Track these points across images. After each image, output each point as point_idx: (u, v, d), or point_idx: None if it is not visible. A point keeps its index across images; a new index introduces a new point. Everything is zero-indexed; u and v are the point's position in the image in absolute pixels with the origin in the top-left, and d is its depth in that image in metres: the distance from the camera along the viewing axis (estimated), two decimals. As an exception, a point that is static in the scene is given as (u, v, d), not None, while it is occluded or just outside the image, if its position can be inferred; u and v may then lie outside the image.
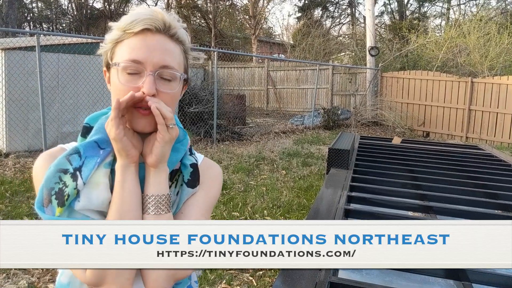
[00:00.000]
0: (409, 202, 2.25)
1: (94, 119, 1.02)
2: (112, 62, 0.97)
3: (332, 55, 20.18)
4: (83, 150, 0.94)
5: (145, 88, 0.92)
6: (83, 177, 0.91)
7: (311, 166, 7.63)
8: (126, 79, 0.93)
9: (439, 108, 12.61)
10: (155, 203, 0.95)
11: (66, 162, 0.92)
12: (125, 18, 0.95)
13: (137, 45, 0.93)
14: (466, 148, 4.33)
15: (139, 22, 0.93)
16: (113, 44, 0.97)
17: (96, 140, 0.96)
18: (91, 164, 0.93)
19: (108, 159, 0.96)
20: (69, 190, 0.89)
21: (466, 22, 14.50)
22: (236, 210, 5.03)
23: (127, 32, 0.94)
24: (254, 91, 17.22)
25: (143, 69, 0.93)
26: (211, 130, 9.49)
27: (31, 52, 6.99)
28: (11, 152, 7.02)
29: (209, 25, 24.43)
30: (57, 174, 0.90)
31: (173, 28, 0.98)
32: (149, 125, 0.95)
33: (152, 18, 0.94)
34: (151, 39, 0.94)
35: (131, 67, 0.93)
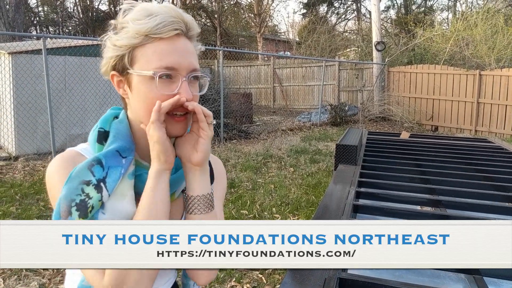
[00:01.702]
0: (418, 196, 2.23)
1: (107, 123, 1.00)
2: (133, 68, 0.92)
3: (338, 51, 20.10)
4: (105, 160, 0.91)
5: (184, 94, 0.90)
6: (109, 188, 0.89)
7: (319, 163, 7.61)
8: (160, 87, 0.90)
9: (447, 102, 12.52)
10: (202, 203, 0.95)
11: (88, 173, 0.88)
12: (146, 20, 0.89)
13: (168, 50, 0.90)
14: (475, 141, 4.29)
15: (166, 26, 0.89)
16: (131, 48, 0.92)
17: (117, 149, 0.93)
18: (115, 174, 0.90)
19: (131, 169, 0.94)
20: (93, 201, 0.86)
21: (473, 14, 14.36)
22: (245, 208, 5.03)
23: (151, 37, 0.90)
24: (260, 89, 17.21)
25: (177, 75, 0.91)
26: (218, 129, 9.50)
27: (37, 56, 7.03)
28: (20, 155, 7.07)
29: (215, 24, 24.46)
30: (79, 186, 0.86)
31: (192, 29, 0.96)
32: (183, 129, 0.95)
33: (178, 20, 0.91)
34: (178, 43, 0.92)
35: (166, 73, 0.90)
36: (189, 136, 0.95)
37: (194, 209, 0.94)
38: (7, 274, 3.31)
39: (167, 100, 0.90)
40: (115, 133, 0.96)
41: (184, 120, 0.94)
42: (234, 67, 17.64)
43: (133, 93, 0.94)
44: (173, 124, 0.93)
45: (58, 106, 7.42)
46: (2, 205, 4.83)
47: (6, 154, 7.25)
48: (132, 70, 0.92)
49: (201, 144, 0.93)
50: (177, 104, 0.90)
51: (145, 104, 0.92)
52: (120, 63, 0.94)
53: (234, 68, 17.64)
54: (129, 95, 0.96)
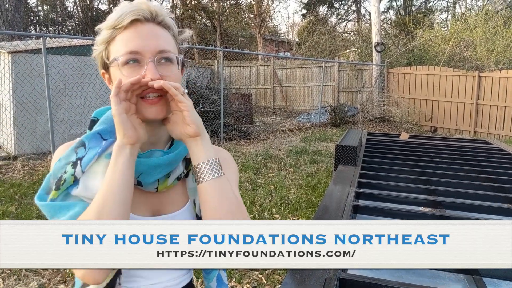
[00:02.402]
0: (417, 197, 2.23)
1: (101, 113, 1.06)
2: (109, 61, 0.98)
3: (338, 52, 20.11)
4: (87, 141, 0.98)
5: (149, 74, 0.92)
6: (82, 165, 0.94)
7: (319, 164, 7.62)
8: (128, 72, 0.94)
9: (446, 103, 12.53)
10: (210, 167, 0.95)
11: (73, 154, 0.96)
12: (111, 16, 0.97)
13: (130, 36, 0.95)
14: (474, 143, 4.30)
15: (126, 15, 0.94)
16: (106, 44, 0.98)
17: (99, 131, 1.00)
18: (91, 154, 0.96)
19: (110, 150, 0.96)
20: (66, 176, 0.93)
21: (472, 16, 14.38)
22: (244, 209, 5.02)
23: (117, 28, 0.96)
24: (260, 89, 17.22)
25: (142, 58, 0.94)
26: (218, 130, 9.50)
27: (37, 55, 7.03)
28: (19, 155, 7.07)
29: (215, 24, 24.48)
30: (65, 166, 0.94)
31: (160, 15, 0.99)
32: (161, 112, 0.96)
33: (138, 8, 0.95)
34: (141, 28, 0.96)
35: (130, 58, 0.94)
36: (175, 116, 0.96)
37: (204, 176, 0.95)
38: (6, 274, 3.31)
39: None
40: (103, 119, 1.02)
41: (159, 102, 0.95)
42: (234, 68, 17.64)
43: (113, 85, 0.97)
44: (147, 108, 0.95)
45: (58, 106, 7.41)
46: (2, 205, 4.83)
47: (5, 153, 7.24)
48: (108, 63, 0.98)
49: (188, 117, 0.94)
50: (140, 83, 0.91)
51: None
52: (102, 60, 1.01)
53: (234, 68, 17.64)
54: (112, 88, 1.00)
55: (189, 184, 1.08)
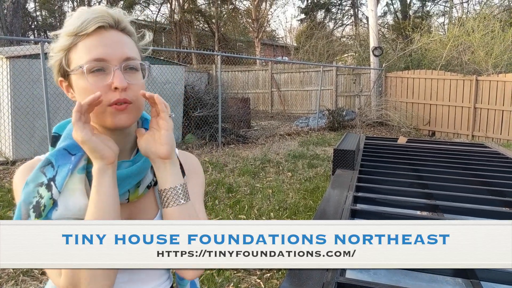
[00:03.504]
0: (415, 201, 2.24)
1: (62, 127, 1.02)
2: (70, 69, 0.94)
3: (336, 56, 20.16)
4: (54, 159, 0.93)
5: (116, 82, 0.91)
6: (58, 186, 0.91)
7: (317, 168, 7.62)
8: (93, 80, 0.91)
9: (444, 107, 12.56)
10: (176, 194, 0.95)
11: (41, 175, 0.91)
12: (71, 22, 0.93)
13: (95, 43, 0.92)
14: (472, 147, 4.31)
15: (90, 22, 0.91)
16: (65, 51, 0.95)
17: (65, 147, 0.95)
18: (64, 172, 0.92)
19: (81, 164, 0.94)
20: (44, 200, 0.89)
21: (469, 20, 14.44)
22: (243, 213, 5.03)
23: (79, 35, 0.92)
24: (258, 94, 17.24)
25: (108, 66, 0.92)
26: (216, 134, 9.50)
27: (35, 60, 7.03)
28: (17, 160, 7.06)
29: (212, 29, 24.52)
30: (35, 189, 0.90)
31: (122, 22, 0.97)
32: (129, 119, 0.95)
33: (102, 15, 0.93)
34: (106, 35, 0.93)
35: (96, 66, 0.91)
36: (150, 133, 0.96)
37: (169, 202, 0.95)
38: (4, 279, 3.30)
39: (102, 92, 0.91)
40: (65, 134, 0.98)
41: (126, 109, 0.93)
42: (232, 72, 17.67)
43: (76, 94, 0.96)
44: (116, 115, 0.93)
45: (56, 111, 7.41)
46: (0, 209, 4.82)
47: (4, 158, 7.23)
48: (69, 70, 0.95)
49: (165, 137, 0.94)
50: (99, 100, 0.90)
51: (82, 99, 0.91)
52: (61, 68, 0.97)
53: (232, 73, 17.67)
54: (75, 96, 0.97)
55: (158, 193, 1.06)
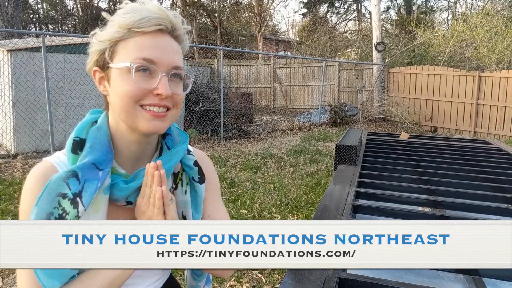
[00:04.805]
0: (417, 197, 2.23)
1: (84, 130, 0.96)
2: (112, 62, 0.91)
3: (339, 51, 20.10)
4: (81, 173, 0.88)
5: (161, 89, 0.88)
6: (85, 204, 0.87)
7: (319, 163, 7.61)
8: (138, 79, 0.88)
9: (446, 103, 12.52)
10: None
11: (64, 185, 0.86)
12: (130, 15, 0.89)
13: (148, 44, 0.88)
14: (474, 143, 4.29)
15: (150, 21, 0.88)
16: (112, 42, 0.91)
17: (93, 162, 0.90)
18: (91, 189, 0.88)
19: (107, 182, 0.92)
20: (70, 217, 0.85)
21: (473, 16, 14.37)
22: (244, 208, 5.03)
23: (134, 31, 0.88)
24: (260, 88, 17.21)
25: (156, 69, 0.89)
26: (218, 129, 9.50)
27: (37, 53, 7.02)
28: (19, 153, 7.07)
29: (215, 23, 24.45)
30: (56, 199, 0.84)
31: (178, 29, 0.94)
32: (163, 127, 0.93)
33: (162, 17, 0.90)
34: (161, 39, 0.90)
35: (143, 65, 0.88)
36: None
37: None
38: (5, 272, 3.31)
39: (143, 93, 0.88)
40: (92, 143, 0.92)
41: (165, 116, 0.92)
42: (234, 67, 17.63)
43: (111, 89, 0.92)
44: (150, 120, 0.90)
45: (57, 104, 7.41)
46: (1, 203, 4.82)
47: (5, 152, 7.24)
48: (112, 64, 0.91)
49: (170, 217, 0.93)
50: (163, 195, 0.89)
51: (121, 97, 0.89)
52: (101, 58, 0.93)
53: (234, 67, 17.64)
54: (108, 91, 0.94)
55: (179, 197, 1.05)
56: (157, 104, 0.90)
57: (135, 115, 0.90)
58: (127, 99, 0.89)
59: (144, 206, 0.91)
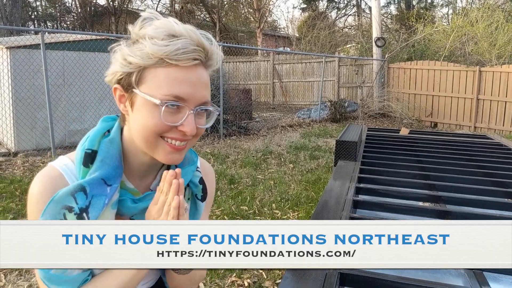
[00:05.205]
0: (418, 192, 2.23)
1: (95, 141, 0.93)
2: (139, 88, 0.86)
3: (338, 47, 20.07)
4: (89, 187, 0.86)
5: (187, 127, 0.86)
6: (91, 219, 0.86)
7: (319, 159, 7.61)
8: (164, 116, 0.85)
9: (446, 98, 12.51)
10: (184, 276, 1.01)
11: (70, 199, 0.84)
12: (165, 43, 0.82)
13: (181, 79, 0.84)
14: (474, 138, 4.29)
15: (186, 54, 0.83)
16: (142, 67, 0.85)
17: (103, 177, 0.88)
18: (99, 204, 0.87)
19: (115, 198, 0.91)
20: None
21: (473, 11, 14.34)
22: (245, 204, 5.03)
23: (167, 61, 0.83)
24: (260, 85, 17.20)
25: (184, 107, 0.86)
26: (218, 125, 9.49)
27: (36, 50, 7.01)
28: (19, 151, 7.06)
29: (214, 19, 24.39)
30: (61, 211, 0.83)
31: (211, 59, 0.90)
32: (181, 158, 0.92)
33: (199, 49, 0.85)
34: (195, 73, 0.86)
35: (173, 103, 0.84)
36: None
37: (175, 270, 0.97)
38: (8, 269, 3.31)
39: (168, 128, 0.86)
40: (103, 157, 0.91)
41: (184, 149, 0.91)
42: (234, 63, 17.61)
43: (134, 114, 0.89)
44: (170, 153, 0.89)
45: (57, 102, 7.40)
46: (2, 201, 4.83)
47: (5, 150, 7.24)
48: (138, 90, 0.86)
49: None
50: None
51: (145, 129, 0.87)
52: (126, 79, 0.87)
53: (233, 63, 17.61)
54: (129, 113, 0.90)
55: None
56: (179, 138, 0.88)
57: (155, 146, 0.89)
58: (150, 132, 0.86)
59: (157, 213, 0.89)
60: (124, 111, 0.92)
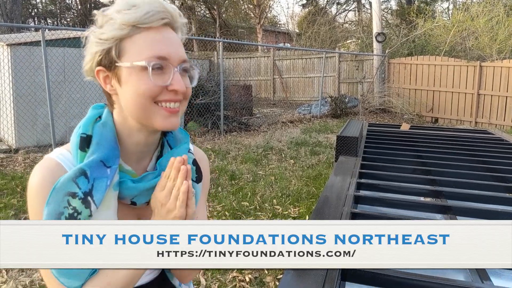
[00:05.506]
0: (419, 187, 2.23)
1: (89, 126, 0.95)
2: (121, 60, 0.88)
3: (339, 42, 20.02)
4: (89, 171, 0.87)
5: (177, 85, 0.88)
6: (97, 202, 0.87)
7: (319, 155, 7.61)
8: (154, 78, 0.87)
9: (447, 94, 12.49)
10: None
11: (73, 184, 0.85)
12: (132, 11, 0.86)
13: (158, 39, 0.87)
14: (475, 133, 4.29)
15: (154, 15, 0.87)
16: (117, 40, 0.88)
17: (101, 159, 0.89)
18: (101, 187, 0.88)
19: (116, 179, 0.91)
20: (83, 217, 0.85)
21: (474, 5, 14.29)
22: (246, 200, 5.04)
23: (139, 27, 0.86)
24: (260, 81, 17.17)
25: (169, 65, 0.88)
26: (218, 121, 9.49)
27: (36, 47, 7.00)
28: (20, 148, 7.07)
29: (214, 15, 24.35)
30: (65, 198, 0.84)
31: (177, 21, 0.93)
32: (178, 122, 0.93)
33: (165, 11, 0.89)
34: (167, 33, 0.89)
35: (157, 64, 0.86)
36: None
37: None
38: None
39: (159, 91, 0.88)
40: (98, 139, 0.92)
41: (179, 112, 0.92)
42: (234, 59, 17.58)
43: (123, 87, 0.90)
44: (166, 117, 0.90)
45: (58, 98, 7.40)
46: (4, 197, 4.84)
47: (6, 146, 7.25)
48: (121, 62, 0.88)
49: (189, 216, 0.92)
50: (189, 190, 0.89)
51: (138, 97, 0.88)
52: (106, 57, 0.90)
53: (233, 59, 17.58)
54: (118, 90, 0.91)
55: None
56: (173, 99, 0.90)
57: (152, 113, 0.89)
58: (144, 98, 0.87)
59: (165, 199, 0.90)
60: (111, 91, 0.94)
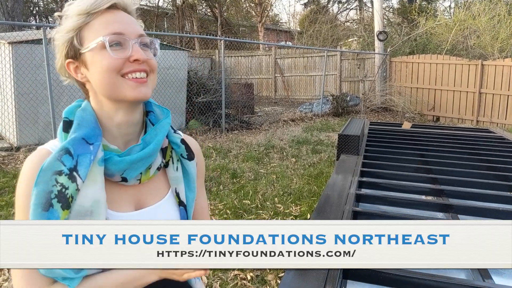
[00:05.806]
0: (420, 186, 2.23)
1: (72, 112, 1.00)
2: (84, 46, 0.93)
3: (340, 41, 19.99)
4: (72, 148, 0.90)
5: (137, 55, 0.93)
6: (82, 176, 0.89)
7: (321, 153, 7.61)
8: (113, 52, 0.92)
9: (449, 92, 12.47)
10: None
11: (58, 163, 0.88)
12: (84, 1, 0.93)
13: (111, 19, 0.93)
14: (477, 132, 4.28)
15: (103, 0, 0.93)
16: (76, 30, 0.94)
17: (83, 137, 0.93)
18: (85, 162, 0.90)
19: (100, 155, 0.94)
20: (71, 192, 0.87)
21: (475, 4, 14.26)
22: (247, 198, 5.04)
23: (93, 14, 0.93)
24: (261, 79, 17.16)
25: (126, 40, 0.93)
26: (220, 120, 9.49)
27: (38, 45, 7.01)
28: (22, 146, 7.08)
29: (215, 14, 24.33)
30: (52, 177, 0.86)
31: (129, 6, 0.99)
32: (148, 92, 0.96)
33: None
34: (119, 14, 0.95)
35: (115, 40, 0.92)
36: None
37: None
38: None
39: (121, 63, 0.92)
40: (79, 121, 0.96)
41: (146, 81, 0.95)
42: (235, 57, 17.57)
43: (90, 70, 0.95)
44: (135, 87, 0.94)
45: (59, 96, 7.40)
46: (5, 195, 4.85)
47: (8, 144, 7.26)
48: (83, 48, 0.93)
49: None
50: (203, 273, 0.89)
51: (104, 73, 0.92)
52: (71, 48, 0.95)
53: (235, 58, 17.57)
54: (88, 76, 0.96)
55: (170, 173, 1.09)
56: (137, 69, 0.94)
57: (120, 86, 0.93)
58: (109, 73, 0.92)
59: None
60: (83, 79, 0.98)
